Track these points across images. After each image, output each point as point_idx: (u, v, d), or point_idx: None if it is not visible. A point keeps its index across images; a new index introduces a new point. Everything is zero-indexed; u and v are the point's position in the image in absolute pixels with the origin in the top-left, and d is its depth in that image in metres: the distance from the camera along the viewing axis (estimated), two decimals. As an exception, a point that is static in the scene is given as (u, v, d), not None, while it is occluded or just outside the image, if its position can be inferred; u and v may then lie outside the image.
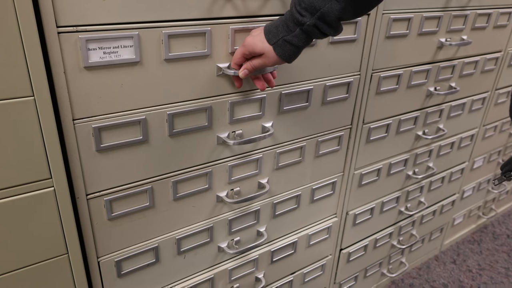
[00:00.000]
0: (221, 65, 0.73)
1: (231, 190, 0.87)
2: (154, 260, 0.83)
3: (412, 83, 1.09)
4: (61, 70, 0.59)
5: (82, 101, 0.62)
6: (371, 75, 0.98)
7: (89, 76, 0.61)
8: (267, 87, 0.77)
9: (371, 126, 1.07)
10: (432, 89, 1.16)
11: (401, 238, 1.43)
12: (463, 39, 1.14)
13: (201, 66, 0.71)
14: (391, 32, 0.96)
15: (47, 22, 0.55)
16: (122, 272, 0.79)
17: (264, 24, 0.70)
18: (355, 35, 0.89)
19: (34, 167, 0.62)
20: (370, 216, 1.24)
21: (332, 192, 1.09)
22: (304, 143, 0.95)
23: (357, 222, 1.20)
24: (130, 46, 0.62)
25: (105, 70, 0.62)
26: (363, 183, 1.14)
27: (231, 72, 0.72)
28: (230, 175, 0.85)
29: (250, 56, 0.69)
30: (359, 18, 0.87)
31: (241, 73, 0.70)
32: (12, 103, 0.56)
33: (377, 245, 1.33)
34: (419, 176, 1.30)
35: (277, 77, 0.79)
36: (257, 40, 0.67)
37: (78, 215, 0.70)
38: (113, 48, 0.61)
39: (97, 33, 0.59)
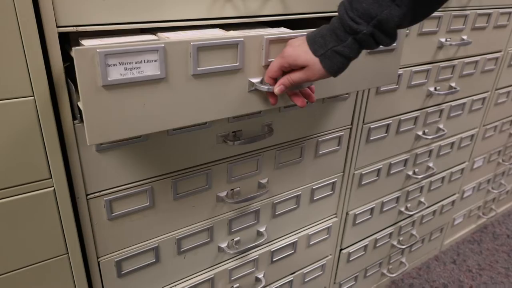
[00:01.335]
0: (253, 80, 0.65)
1: (231, 190, 0.87)
2: (154, 260, 0.83)
3: (412, 83, 1.09)
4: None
5: (96, 124, 0.54)
6: (371, 75, 0.98)
7: (107, 96, 0.53)
8: (307, 103, 0.69)
9: (371, 126, 1.07)
10: (432, 89, 1.16)
11: (401, 238, 1.43)
12: (463, 39, 1.14)
13: (231, 82, 0.63)
14: (391, 32, 0.95)
15: (47, 22, 0.55)
16: (122, 272, 0.79)
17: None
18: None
19: (34, 167, 0.62)
20: (370, 216, 1.24)
21: (332, 192, 1.09)
22: (304, 143, 0.95)
23: (357, 222, 1.20)
24: (155, 61, 0.55)
25: (125, 88, 0.54)
26: (363, 183, 1.14)
27: (264, 88, 0.64)
28: (230, 175, 0.85)
29: (289, 69, 0.62)
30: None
31: (277, 89, 0.63)
32: (12, 103, 0.56)
33: (377, 245, 1.33)
34: (419, 176, 1.30)
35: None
36: (300, 51, 0.60)
37: (78, 215, 0.70)
38: (135, 63, 0.54)
39: (118, 46, 0.52)
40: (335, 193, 1.10)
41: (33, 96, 0.57)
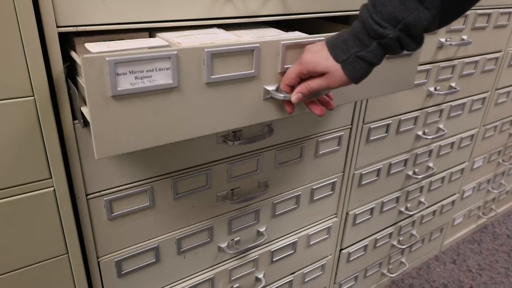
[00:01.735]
0: (268, 88, 0.62)
1: (231, 190, 0.87)
2: (154, 260, 0.83)
3: (412, 83, 1.09)
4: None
5: (105, 136, 0.51)
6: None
7: (116, 107, 0.50)
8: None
9: (371, 126, 1.07)
10: (432, 89, 1.16)
11: (401, 238, 1.43)
12: (463, 39, 1.14)
13: (246, 90, 0.60)
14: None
15: (47, 22, 0.55)
16: (122, 272, 0.79)
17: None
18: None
19: (34, 167, 0.62)
20: (370, 216, 1.24)
21: (332, 192, 1.09)
22: (304, 143, 0.95)
23: (357, 222, 1.20)
24: (167, 69, 0.52)
25: (136, 98, 0.51)
26: (363, 183, 1.14)
27: (280, 96, 0.61)
28: (230, 175, 0.85)
29: (307, 76, 0.59)
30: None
31: (294, 97, 0.60)
32: (12, 103, 0.56)
33: (377, 245, 1.33)
34: (419, 176, 1.30)
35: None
36: (319, 57, 0.57)
37: (78, 215, 0.70)
38: (147, 71, 0.50)
39: (128, 54, 0.49)
40: (335, 193, 1.10)
41: (33, 96, 0.57)
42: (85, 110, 0.58)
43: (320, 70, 0.57)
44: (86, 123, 0.59)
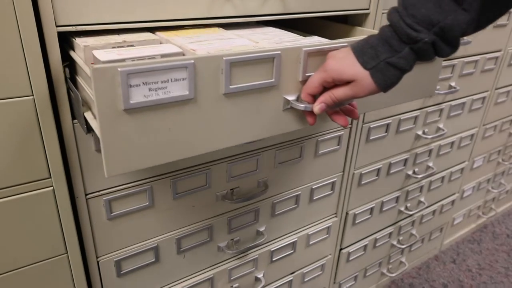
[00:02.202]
0: (289, 97, 0.59)
1: (230, 189, 0.87)
2: (153, 259, 0.83)
3: (412, 82, 1.09)
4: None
5: (116, 153, 0.48)
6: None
7: (129, 121, 0.47)
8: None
9: (371, 126, 1.07)
10: (432, 88, 1.16)
11: (400, 238, 1.43)
12: (462, 39, 1.14)
13: (265, 100, 0.57)
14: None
15: (46, 21, 0.55)
16: (122, 272, 0.79)
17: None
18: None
19: (33, 166, 0.62)
20: (370, 215, 1.24)
21: (331, 191, 1.08)
22: (304, 143, 0.94)
23: (356, 221, 1.20)
24: (183, 79, 0.48)
25: (149, 112, 0.48)
26: (362, 182, 1.14)
27: (301, 106, 0.58)
28: (229, 174, 0.85)
29: (331, 84, 0.55)
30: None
31: (317, 107, 0.56)
32: (11, 102, 0.56)
33: (377, 244, 1.33)
34: (419, 176, 1.29)
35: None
36: (345, 64, 0.53)
37: (77, 214, 0.70)
38: (161, 82, 0.47)
39: (142, 64, 0.45)
40: (335, 193, 1.10)
41: (32, 95, 0.57)
42: (88, 116, 0.57)
43: (346, 78, 0.53)
44: (89, 129, 0.58)
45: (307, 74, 0.58)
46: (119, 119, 0.46)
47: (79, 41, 0.59)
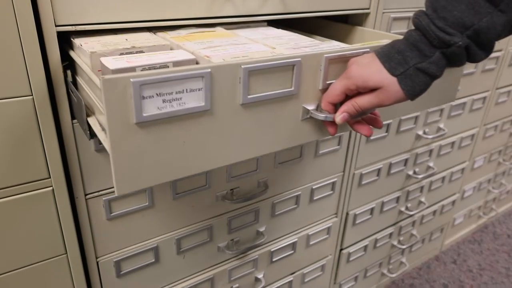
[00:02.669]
0: (308, 107, 0.55)
1: (230, 189, 0.87)
2: (153, 260, 0.83)
3: (413, 82, 1.09)
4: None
5: (127, 170, 0.45)
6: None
7: (141, 136, 0.44)
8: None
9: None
10: (432, 88, 1.16)
11: (401, 238, 1.43)
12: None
13: (283, 110, 0.54)
14: (392, 31, 0.95)
15: (46, 21, 0.55)
16: (121, 272, 0.79)
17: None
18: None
19: (33, 166, 0.61)
20: (370, 216, 1.24)
21: (332, 192, 1.08)
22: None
23: (357, 222, 1.20)
24: (199, 90, 0.45)
25: (163, 125, 0.45)
26: (363, 183, 1.14)
27: (321, 116, 0.54)
28: (229, 174, 0.85)
29: (355, 92, 0.52)
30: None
31: (339, 117, 0.53)
32: (11, 102, 0.56)
33: (377, 245, 1.33)
34: (420, 176, 1.29)
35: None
36: (371, 70, 0.50)
37: (77, 215, 0.70)
38: (176, 93, 0.44)
39: (156, 74, 0.42)
40: (335, 193, 1.10)
41: (32, 95, 0.57)
42: (92, 121, 0.55)
43: (372, 85, 0.50)
44: (92, 135, 0.56)
45: (327, 82, 0.55)
46: (131, 134, 0.43)
47: (85, 47, 0.56)
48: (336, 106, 0.54)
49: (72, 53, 0.61)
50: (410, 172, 1.28)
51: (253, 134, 0.53)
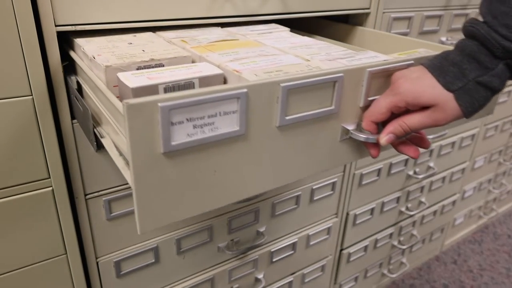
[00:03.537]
0: (348, 126, 0.50)
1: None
2: (153, 260, 0.82)
3: (413, 82, 1.09)
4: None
5: (152, 206, 0.40)
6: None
7: (168, 167, 0.39)
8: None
9: (372, 126, 1.06)
10: (432, 88, 1.16)
11: (401, 238, 1.42)
12: None
13: (322, 131, 0.49)
14: (392, 31, 0.95)
15: (45, 21, 0.55)
16: (121, 273, 0.79)
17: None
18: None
19: (32, 166, 0.61)
20: (371, 216, 1.24)
21: (332, 192, 1.08)
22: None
23: (357, 222, 1.20)
24: (233, 112, 0.40)
25: (192, 154, 0.40)
26: (363, 183, 1.14)
27: (363, 137, 0.49)
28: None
29: (403, 109, 0.47)
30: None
31: (384, 139, 0.48)
32: (10, 102, 0.56)
33: (378, 245, 1.33)
34: (420, 176, 1.29)
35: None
36: (423, 85, 0.45)
37: (76, 215, 0.70)
38: (208, 117, 0.39)
39: (186, 96, 0.36)
40: (335, 193, 1.09)
41: (31, 95, 0.57)
42: (100, 130, 0.53)
43: (425, 102, 0.45)
44: (99, 146, 0.53)
45: (369, 99, 0.50)
46: (157, 165, 0.37)
47: (98, 60, 0.52)
48: (378, 125, 0.50)
49: (72, 53, 0.61)
50: (411, 172, 1.28)
51: (288, 159, 0.47)
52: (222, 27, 0.74)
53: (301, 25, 0.89)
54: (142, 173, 0.37)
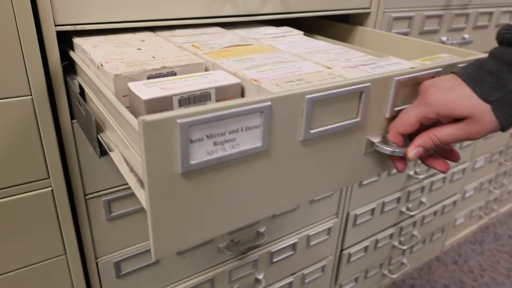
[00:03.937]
0: (373, 139, 0.48)
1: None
2: (153, 260, 0.82)
3: (413, 82, 1.09)
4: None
5: (167, 230, 0.37)
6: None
7: (186, 188, 0.36)
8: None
9: (372, 126, 1.06)
10: (433, 88, 1.16)
11: (402, 239, 1.42)
12: (464, 38, 1.13)
13: (347, 144, 0.46)
14: (393, 31, 0.95)
15: (45, 21, 0.54)
16: (121, 273, 0.79)
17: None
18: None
19: (32, 167, 0.61)
20: (371, 216, 1.23)
21: (332, 192, 1.08)
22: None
23: (357, 222, 1.20)
24: (256, 127, 0.37)
25: (212, 173, 0.37)
26: (363, 183, 1.14)
27: (388, 150, 0.46)
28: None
29: (433, 121, 0.44)
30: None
31: (412, 153, 0.45)
32: (10, 102, 0.56)
33: (378, 245, 1.32)
34: (420, 176, 1.29)
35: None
36: (457, 95, 0.42)
37: (76, 215, 0.69)
38: (229, 133, 0.36)
39: (207, 111, 0.33)
40: (336, 193, 1.09)
41: (31, 95, 0.57)
42: (104, 136, 0.50)
43: (459, 113, 0.42)
44: (103, 153, 0.51)
45: (396, 109, 0.47)
46: (175, 186, 0.35)
47: (107, 68, 0.49)
48: (405, 137, 0.47)
49: (72, 54, 0.61)
50: (411, 172, 1.28)
51: (312, 175, 0.45)
52: (222, 27, 0.74)
53: (301, 25, 0.89)
54: (158, 195, 0.34)
